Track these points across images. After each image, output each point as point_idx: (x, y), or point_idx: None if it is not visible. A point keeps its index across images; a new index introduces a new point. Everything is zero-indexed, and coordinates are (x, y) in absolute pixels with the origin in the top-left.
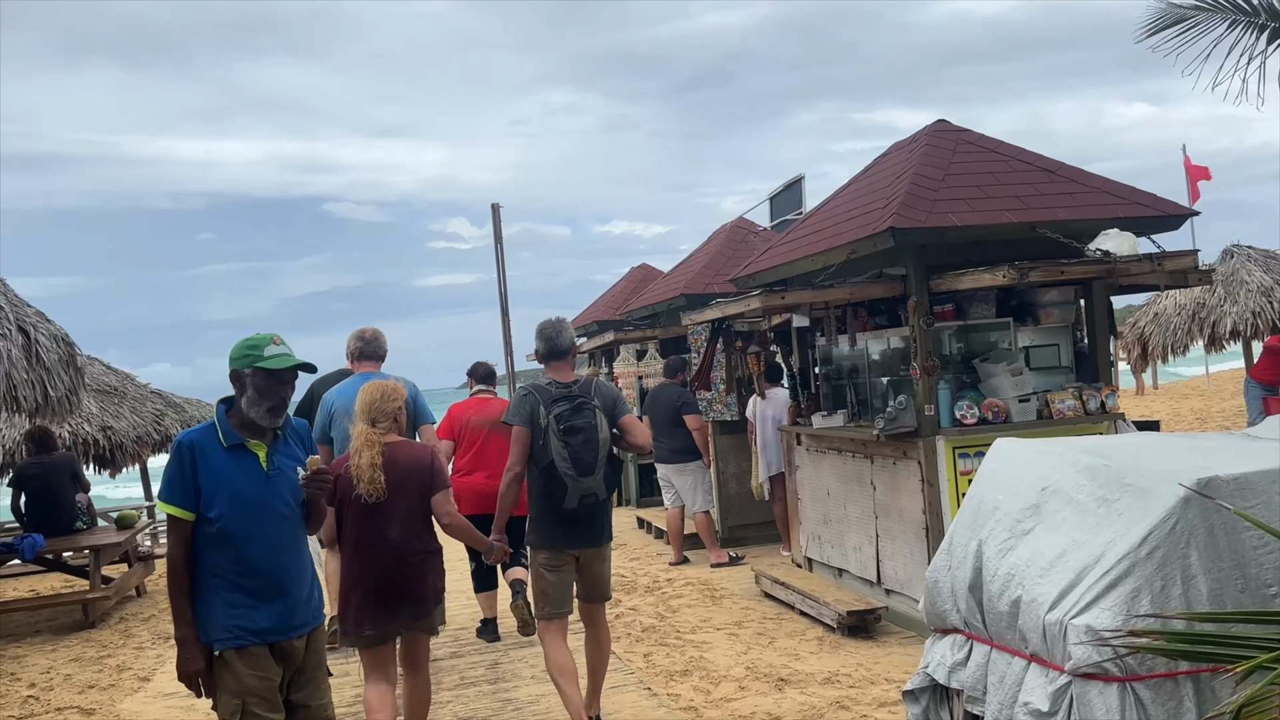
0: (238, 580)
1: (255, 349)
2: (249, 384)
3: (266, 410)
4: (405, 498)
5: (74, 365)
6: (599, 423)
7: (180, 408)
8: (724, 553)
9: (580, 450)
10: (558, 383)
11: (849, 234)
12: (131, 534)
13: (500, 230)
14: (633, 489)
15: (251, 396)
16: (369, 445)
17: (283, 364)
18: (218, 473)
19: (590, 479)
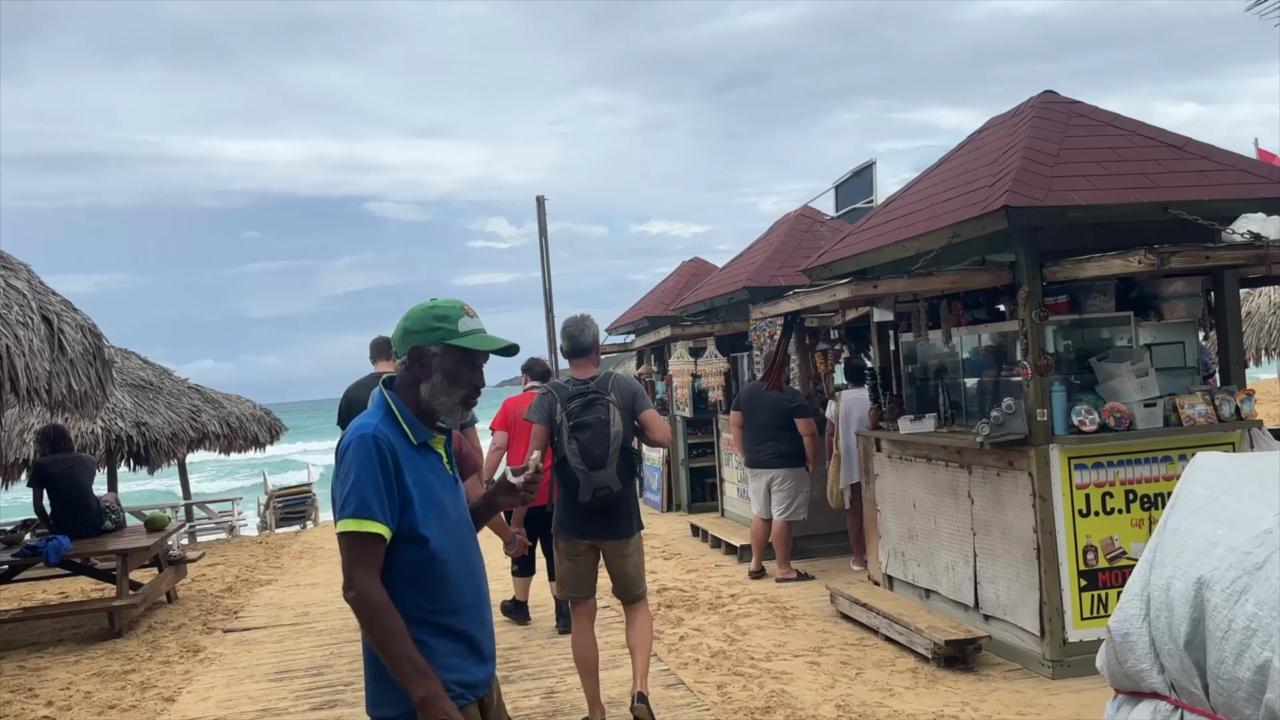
0: (447, 622)
1: (446, 320)
2: (435, 365)
3: (460, 400)
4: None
5: (101, 358)
6: (611, 418)
7: (218, 404)
8: (792, 569)
9: (589, 444)
10: (576, 380)
11: (949, 216)
12: (162, 537)
13: (545, 224)
14: (684, 494)
15: (437, 382)
16: None
17: (485, 344)
18: (419, 480)
19: (601, 472)
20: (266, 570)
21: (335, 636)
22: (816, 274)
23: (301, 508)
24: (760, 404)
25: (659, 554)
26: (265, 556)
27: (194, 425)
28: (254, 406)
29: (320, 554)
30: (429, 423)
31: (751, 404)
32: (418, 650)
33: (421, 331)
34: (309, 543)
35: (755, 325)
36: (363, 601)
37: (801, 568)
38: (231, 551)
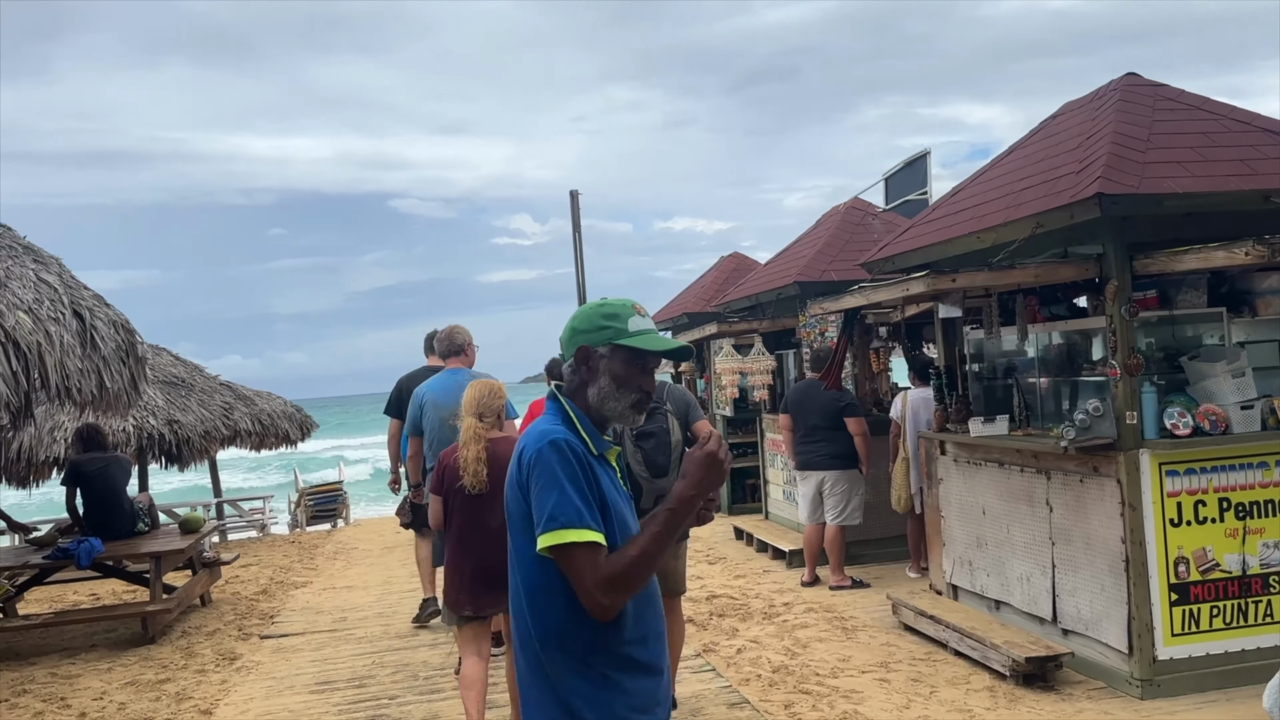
0: (638, 655)
1: (615, 319)
2: (603, 367)
3: (630, 405)
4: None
5: (134, 354)
6: (671, 426)
7: (250, 400)
8: (847, 576)
9: (653, 453)
10: None
11: (1031, 205)
12: (197, 539)
13: (578, 218)
14: (724, 495)
15: (605, 385)
16: (475, 439)
17: (655, 344)
18: (606, 493)
19: (664, 480)
20: (301, 572)
21: (375, 644)
22: (877, 267)
23: (332, 506)
24: (810, 403)
25: (703, 558)
26: (299, 557)
27: (226, 423)
28: (285, 403)
29: (355, 555)
30: (603, 431)
31: (800, 403)
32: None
33: (589, 331)
34: (342, 542)
35: (805, 322)
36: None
37: (855, 574)
38: (264, 551)
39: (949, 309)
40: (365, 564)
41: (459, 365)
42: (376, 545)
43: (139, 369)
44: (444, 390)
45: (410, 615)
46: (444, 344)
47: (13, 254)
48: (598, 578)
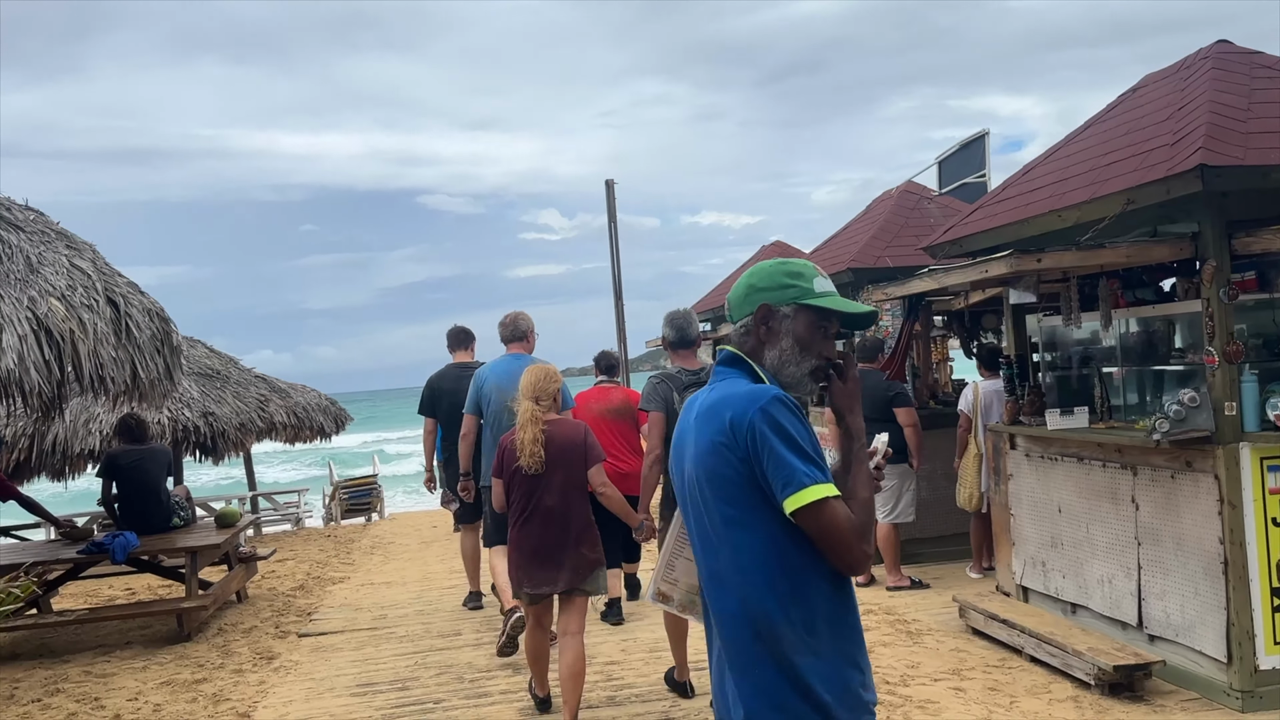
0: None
1: (800, 278)
2: (786, 328)
3: (809, 373)
4: (562, 470)
5: (169, 344)
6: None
7: (285, 393)
8: (904, 575)
9: None
10: (687, 370)
11: (1120, 180)
12: (233, 534)
13: (614, 210)
14: None
15: (786, 348)
16: (532, 422)
17: (845, 306)
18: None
19: None
20: (338, 567)
21: (417, 644)
22: (941, 251)
23: (367, 499)
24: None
25: None
26: (335, 552)
27: (261, 415)
28: (319, 396)
29: (391, 549)
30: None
31: None
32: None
33: (771, 289)
34: (378, 537)
35: None
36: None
37: (912, 574)
38: (300, 545)
39: (1022, 294)
40: (403, 559)
41: (521, 350)
42: (413, 540)
43: (174, 359)
44: (506, 374)
45: (450, 614)
46: (507, 329)
47: (45, 239)
48: (854, 527)
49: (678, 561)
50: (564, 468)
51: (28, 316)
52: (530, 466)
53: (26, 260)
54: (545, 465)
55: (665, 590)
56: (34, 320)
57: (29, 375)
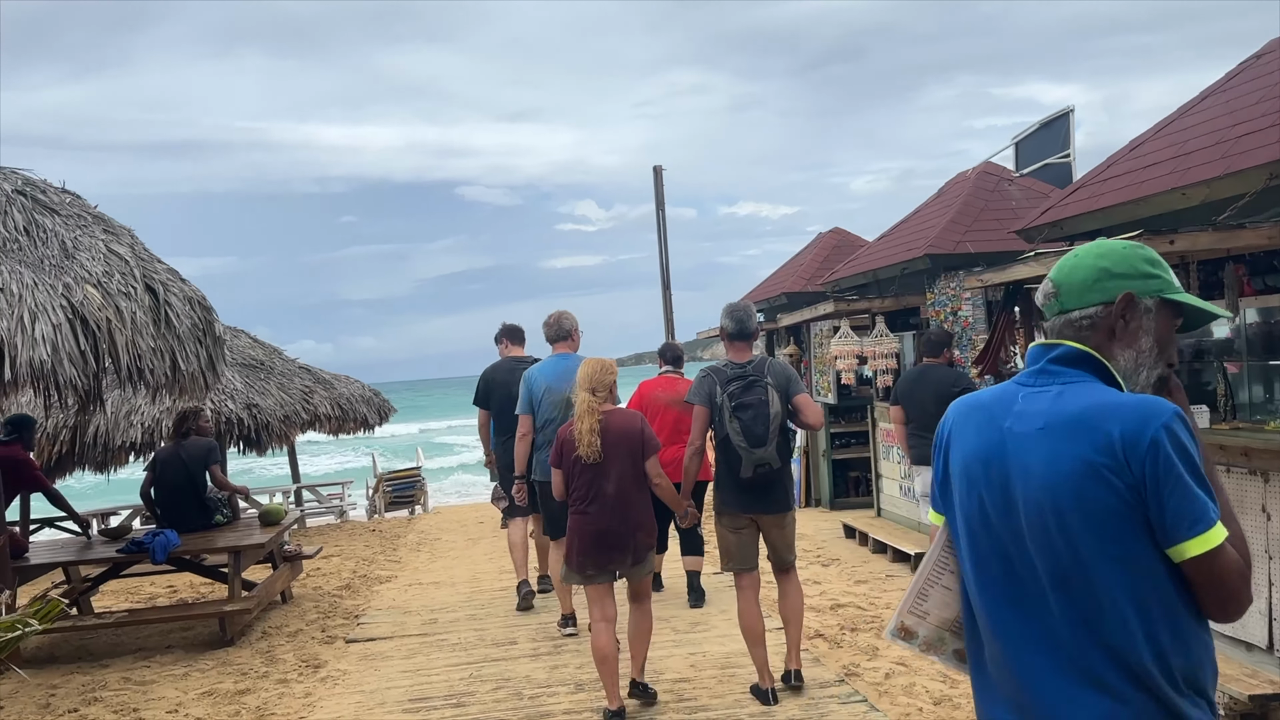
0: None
1: (1159, 267)
2: (1147, 325)
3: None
4: (620, 460)
5: (211, 334)
6: (770, 399)
7: (329, 384)
8: None
9: (751, 424)
10: (734, 363)
11: (1261, 152)
12: (278, 532)
13: (662, 197)
14: (825, 488)
15: (1146, 350)
16: (589, 412)
17: (1210, 308)
18: None
19: (762, 450)
20: (384, 565)
21: (470, 653)
22: (1039, 234)
23: (410, 492)
24: (920, 387)
25: (814, 558)
26: (381, 548)
27: (306, 407)
28: (363, 387)
29: (439, 546)
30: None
31: (911, 392)
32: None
33: (1133, 276)
34: (424, 532)
35: (934, 300)
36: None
37: None
38: (345, 540)
39: None
40: (450, 557)
41: (566, 349)
42: (460, 536)
43: (217, 350)
44: (556, 375)
45: (504, 619)
46: (551, 329)
47: (81, 223)
48: (1243, 570)
49: (933, 591)
50: (621, 457)
51: (62, 304)
52: (588, 456)
53: (62, 245)
54: (603, 454)
55: (909, 625)
56: (69, 308)
57: (63, 366)
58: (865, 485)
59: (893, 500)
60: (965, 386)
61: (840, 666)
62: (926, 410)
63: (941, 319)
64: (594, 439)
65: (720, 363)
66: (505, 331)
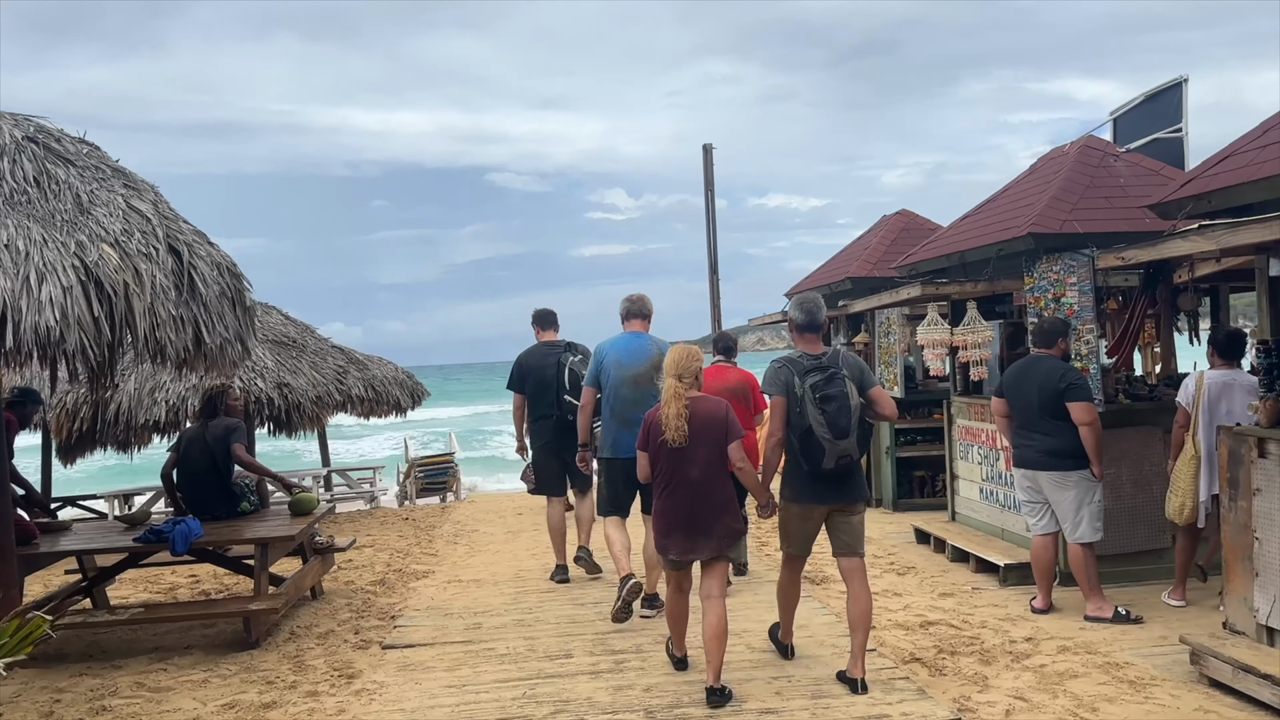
0: None
1: None
2: None
3: None
4: (705, 445)
5: (242, 304)
6: (850, 390)
7: (364, 365)
8: (1108, 604)
9: (835, 416)
10: (809, 355)
11: None
12: (309, 522)
13: (711, 176)
14: (889, 488)
15: None
16: (676, 398)
17: None
18: None
19: (845, 441)
20: (420, 558)
21: (522, 666)
22: (1177, 209)
23: (443, 479)
24: (1024, 381)
25: (887, 565)
26: (416, 539)
27: (339, 388)
28: (396, 369)
29: (476, 539)
30: None
31: (1017, 383)
32: None
33: None
34: (460, 523)
35: (1033, 285)
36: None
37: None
38: (377, 529)
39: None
40: (490, 550)
41: (639, 328)
42: (499, 528)
43: (247, 322)
44: (627, 350)
45: (555, 626)
46: (631, 305)
47: (99, 176)
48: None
49: None
50: (707, 443)
51: (74, 264)
52: (675, 440)
53: (76, 199)
54: (689, 439)
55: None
56: (81, 269)
57: (71, 334)
58: (932, 485)
59: (970, 504)
60: (1072, 381)
61: (951, 700)
62: (1030, 407)
63: (1041, 306)
64: (681, 424)
65: (795, 354)
66: (537, 317)
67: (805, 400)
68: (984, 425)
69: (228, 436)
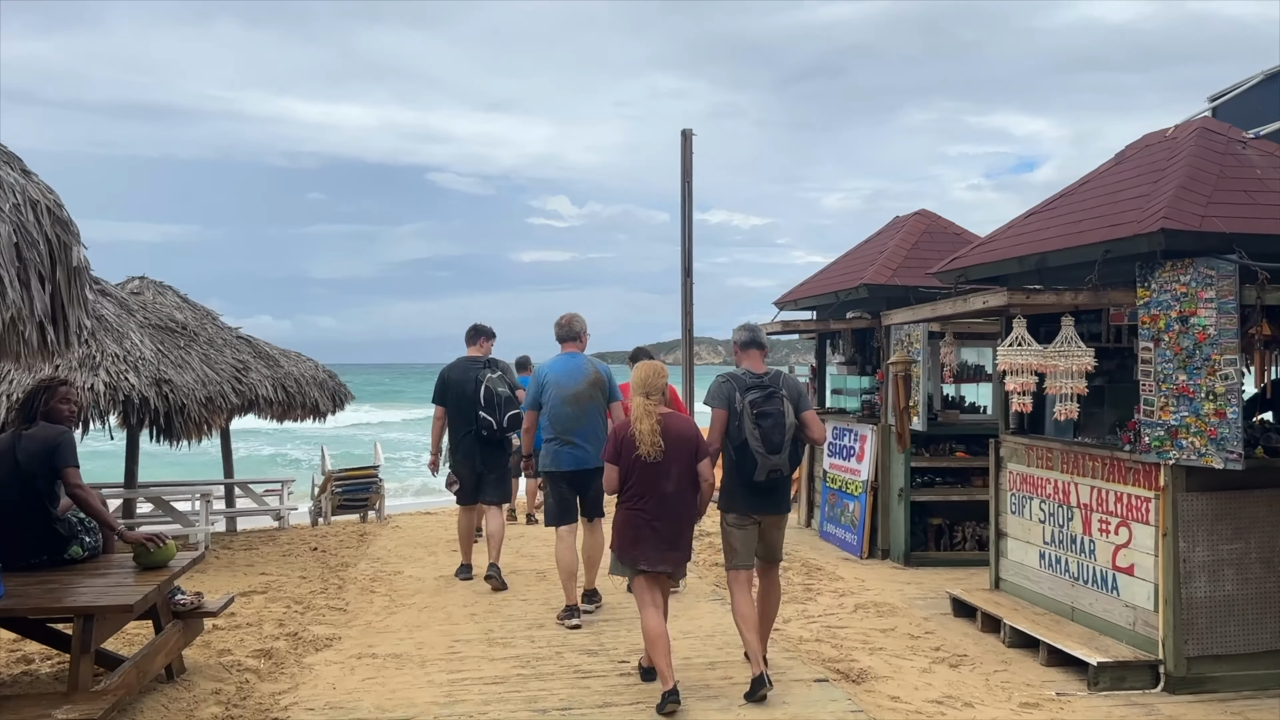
0: None
1: None
2: None
3: None
4: (677, 461)
5: (67, 264)
6: (786, 410)
7: (273, 360)
8: None
9: (770, 432)
10: (751, 373)
11: None
12: (163, 580)
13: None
14: (900, 537)
15: None
16: (647, 414)
17: None
18: None
19: (777, 456)
20: (324, 613)
21: None
22: None
23: (364, 495)
24: None
25: (931, 651)
26: (322, 582)
27: (238, 387)
28: (316, 367)
29: (399, 585)
30: None
31: None
32: None
33: None
34: (380, 559)
35: (1148, 301)
36: None
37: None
38: (276, 563)
39: None
40: (415, 605)
41: (574, 349)
42: (428, 570)
43: (74, 287)
44: (565, 371)
45: None
46: (563, 329)
47: None
48: None
49: None
50: (678, 459)
51: None
52: (650, 455)
53: None
54: (663, 454)
55: None
56: None
57: None
58: (950, 537)
59: (1024, 571)
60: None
61: None
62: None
63: (1161, 326)
64: (656, 439)
65: (739, 371)
66: (468, 332)
67: (744, 415)
68: (1051, 474)
69: (51, 455)
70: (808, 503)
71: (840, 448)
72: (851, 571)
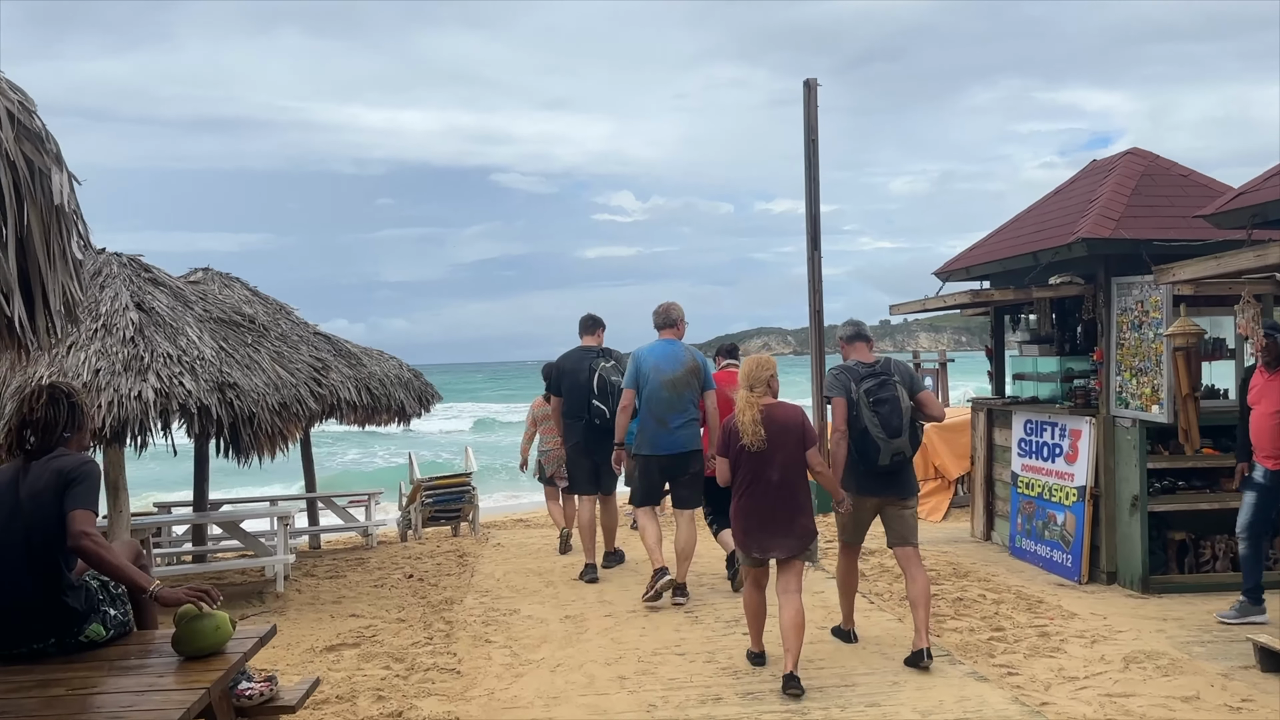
0: None
1: None
2: None
3: None
4: (783, 449)
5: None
6: (900, 394)
7: (355, 359)
8: None
9: (889, 417)
10: (862, 363)
11: None
12: (221, 675)
13: (815, 118)
14: (1138, 556)
15: None
16: (749, 406)
17: None
18: None
19: (899, 440)
20: (433, 678)
21: None
22: None
23: (457, 505)
24: None
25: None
26: (424, 623)
27: (317, 390)
28: (400, 366)
29: (517, 628)
30: None
31: None
32: None
33: None
34: (489, 591)
35: None
36: None
37: None
38: (368, 596)
39: None
40: (544, 664)
41: (672, 336)
42: (548, 604)
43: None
44: (664, 356)
45: None
46: (660, 317)
47: None
48: None
49: None
50: (786, 446)
51: None
52: (753, 444)
53: None
54: (767, 444)
55: None
56: None
57: None
58: (1197, 556)
59: None
60: None
61: None
62: None
63: None
64: (758, 429)
65: (851, 362)
66: (580, 323)
67: (860, 404)
68: None
69: (62, 495)
70: (985, 511)
71: (1038, 445)
72: (1080, 603)
